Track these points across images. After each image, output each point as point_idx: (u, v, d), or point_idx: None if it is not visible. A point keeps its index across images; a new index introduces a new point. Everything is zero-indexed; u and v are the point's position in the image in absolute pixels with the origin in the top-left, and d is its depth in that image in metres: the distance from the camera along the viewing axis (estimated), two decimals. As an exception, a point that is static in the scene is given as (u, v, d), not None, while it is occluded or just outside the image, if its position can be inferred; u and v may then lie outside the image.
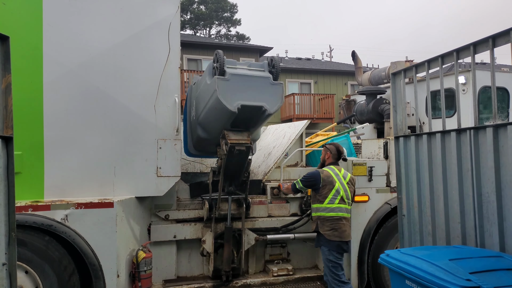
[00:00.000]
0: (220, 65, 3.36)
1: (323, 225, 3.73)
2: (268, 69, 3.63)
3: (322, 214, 3.75)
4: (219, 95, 3.27)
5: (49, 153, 3.33)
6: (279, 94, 3.52)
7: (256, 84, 3.48)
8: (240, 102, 3.32)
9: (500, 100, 5.28)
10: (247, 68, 3.57)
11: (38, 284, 3.10)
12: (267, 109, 3.42)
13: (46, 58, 3.33)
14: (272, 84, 3.52)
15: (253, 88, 3.45)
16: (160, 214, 4.06)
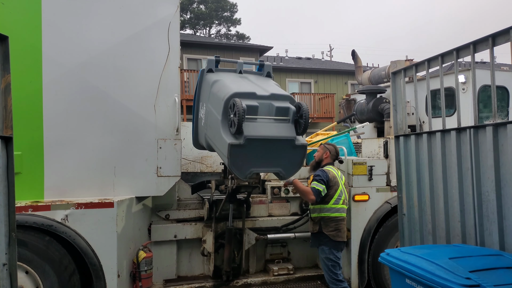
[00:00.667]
0: (238, 120, 2.77)
1: (327, 225, 3.67)
2: (295, 117, 3.09)
3: (327, 215, 3.69)
4: (230, 164, 2.91)
5: (49, 153, 3.33)
6: (299, 159, 3.12)
7: (276, 147, 3.00)
8: (253, 170, 2.98)
9: (499, 99, 5.28)
10: (268, 118, 3.00)
11: (38, 284, 3.10)
12: (282, 175, 3.12)
13: (45, 58, 3.33)
14: (294, 148, 3.04)
15: (272, 152, 3.00)
16: (161, 214, 4.06)
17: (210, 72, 3.58)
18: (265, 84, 3.43)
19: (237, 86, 3.19)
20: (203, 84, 3.61)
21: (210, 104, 3.33)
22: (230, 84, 3.21)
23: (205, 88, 3.55)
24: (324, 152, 3.94)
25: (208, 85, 3.45)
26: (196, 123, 3.81)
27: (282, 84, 20.54)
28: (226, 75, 3.54)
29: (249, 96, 3.02)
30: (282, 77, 20.69)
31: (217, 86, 3.31)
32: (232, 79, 3.41)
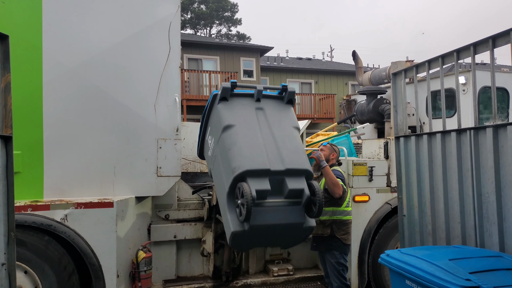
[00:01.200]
0: (247, 211, 2.57)
1: (340, 229, 3.56)
2: (307, 200, 2.84)
3: (339, 218, 3.57)
4: (230, 244, 2.85)
5: (49, 152, 3.33)
6: (303, 238, 3.01)
7: (282, 230, 2.85)
8: (253, 246, 2.99)
9: (500, 100, 5.27)
10: (279, 201, 2.78)
11: (37, 284, 3.09)
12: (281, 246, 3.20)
13: (45, 57, 3.33)
14: (304, 231, 2.92)
15: (276, 233, 2.87)
16: (160, 214, 4.06)
17: (224, 101, 3.14)
18: (282, 130, 3.05)
19: (250, 152, 2.81)
20: (213, 113, 3.25)
21: (218, 150, 3.10)
22: (243, 148, 2.83)
23: (215, 121, 3.21)
24: (331, 153, 3.79)
25: (219, 123, 3.07)
26: (202, 142, 3.71)
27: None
28: (241, 115, 3.06)
29: (262, 174, 2.74)
30: (283, 77, 20.70)
31: (228, 139, 2.95)
32: (246, 132, 2.96)
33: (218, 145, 3.12)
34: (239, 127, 2.98)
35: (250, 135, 2.96)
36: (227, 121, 3.01)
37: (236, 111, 3.08)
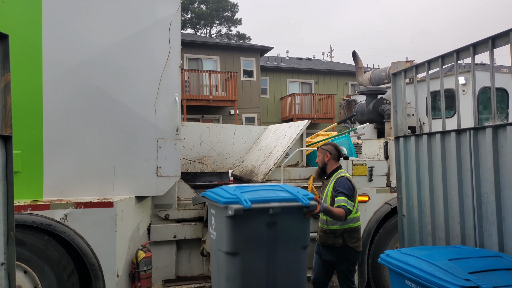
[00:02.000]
0: None
1: (351, 237, 3.38)
2: None
3: (351, 226, 3.38)
4: None
5: (49, 152, 3.33)
6: None
7: None
8: None
9: (499, 100, 5.27)
10: None
11: (37, 284, 3.09)
12: None
13: (45, 57, 3.33)
14: None
15: None
16: (160, 213, 4.06)
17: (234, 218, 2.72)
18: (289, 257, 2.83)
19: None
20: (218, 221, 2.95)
21: (217, 262, 2.96)
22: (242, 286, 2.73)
23: (219, 232, 2.91)
24: (324, 155, 3.54)
25: (223, 243, 2.81)
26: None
27: (282, 85, 20.57)
28: (248, 238, 2.75)
29: None
30: (283, 77, 20.70)
31: (229, 267, 2.77)
32: (249, 264, 2.75)
33: (218, 257, 2.95)
34: (243, 257, 2.76)
35: (253, 270, 2.78)
36: (231, 248, 2.76)
37: (244, 231, 2.76)
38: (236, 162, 5.80)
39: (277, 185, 3.17)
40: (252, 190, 2.88)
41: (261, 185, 3.13)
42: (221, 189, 3.04)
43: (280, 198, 2.81)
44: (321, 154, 3.62)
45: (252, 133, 5.96)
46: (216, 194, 2.94)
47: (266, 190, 2.93)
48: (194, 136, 5.55)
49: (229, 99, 16.23)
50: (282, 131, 5.33)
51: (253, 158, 5.40)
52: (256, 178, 4.69)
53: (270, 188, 3.01)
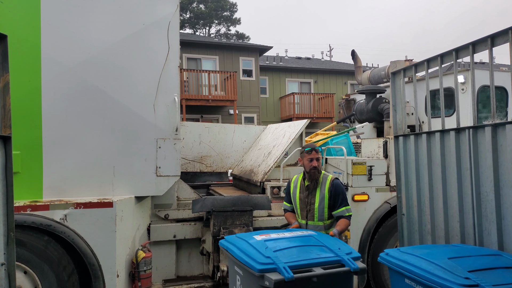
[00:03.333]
0: None
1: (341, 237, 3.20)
2: None
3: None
4: None
5: (48, 152, 3.33)
6: None
7: None
8: None
9: (498, 99, 5.28)
10: None
11: (37, 284, 3.09)
12: None
13: (44, 57, 3.33)
14: None
15: None
16: (160, 213, 4.06)
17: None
18: None
19: None
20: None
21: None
22: None
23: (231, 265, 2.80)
24: (300, 161, 3.36)
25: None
26: None
27: (282, 84, 20.57)
28: None
29: None
30: (282, 77, 20.70)
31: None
32: None
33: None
34: None
35: None
36: None
37: None
38: (236, 161, 5.80)
39: (310, 235, 2.76)
40: (287, 248, 2.51)
41: (293, 237, 2.72)
42: (248, 244, 2.59)
43: (323, 260, 2.43)
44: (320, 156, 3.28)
45: (251, 133, 5.97)
46: (244, 254, 2.49)
47: (303, 247, 2.55)
48: (194, 136, 5.55)
49: (228, 99, 16.23)
50: (281, 131, 5.33)
51: (252, 158, 5.41)
52: (256, 178, 4.69)
53: (306, 243, 2.62)
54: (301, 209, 3.27)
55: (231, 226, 3.95)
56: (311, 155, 3.19)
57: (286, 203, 3.47)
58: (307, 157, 3.19)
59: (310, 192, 3.24)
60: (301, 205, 3.27)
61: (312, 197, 3.23)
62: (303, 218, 3.25)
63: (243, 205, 4.08)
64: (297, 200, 3.29)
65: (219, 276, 3.91)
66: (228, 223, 3.96)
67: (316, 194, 3.21)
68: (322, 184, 3.22)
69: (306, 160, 3.20)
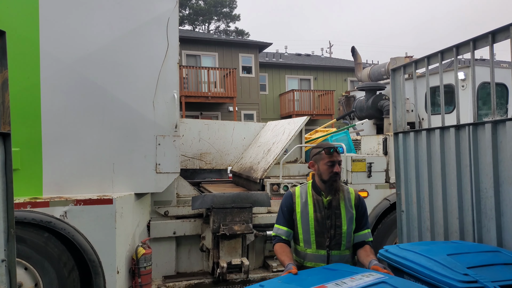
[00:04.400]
0: None
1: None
2: None
3: None
4: None
5: (47, 149, 3.33)
6: None
7: None
8: None
9: (499, 96, 5.28)
10: None
11: (37, 280, 3.10)
12: None
13: (43, 53, 3.32)
14: None
15: None
16: (160, 210, 4.06)
17: None
18: None
19: None
20: None
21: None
22: None
23: None
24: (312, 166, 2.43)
25: None
26: None
27: (281, 81, 20.52)
28: None
29: None
30: (282, 73, 20.65)
31: None
32: None
33: None
34: None
35: None
36: None
37: None
38: (235, 158, 5.80)
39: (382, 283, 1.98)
40: None
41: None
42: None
43: None
44: (310, 165, 2.46)
45: (251, 130, 5.96)
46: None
47: None
48: (193, 133, 5.55)
49: (227, 96, 16.20)
50: (281, 128, 5.33)
51: (252, 155, 5.41)
52: (255, 175, 4.69)
53: None
54: (318, 235, 2.30)
55: (231, 222, 3.96)
56: (332, 157, 2.30)
57: (281, 227, 2.37)
58: (325, 160, 2.30)
59: (333, 211, 2.32)
60: (318, 230, 2.30)
61: (336, 217, 2.31)
62: (321, 248, 2.30)
63: (243, 202, 4.08)
64: (312, 223, 2.31)
65: (218, 272, 3.92)
66: (227, 219, 3.97)
67: (342, 214, 2.33)
68: (346, 198, 2.36)
69: (323, 165, 2.30)
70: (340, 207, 2.33)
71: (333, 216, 2.32)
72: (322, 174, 2.33)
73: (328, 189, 2.32)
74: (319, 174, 2.35)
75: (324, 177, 2.32)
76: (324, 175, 2.32)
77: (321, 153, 2.33)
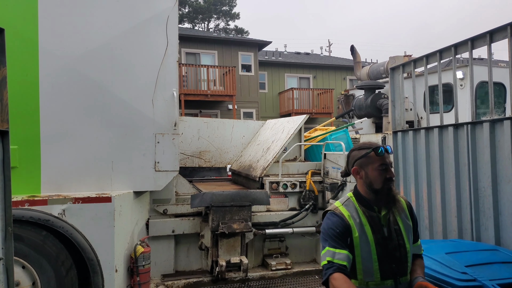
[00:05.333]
0: None
1: None
2: None
3: None
4: None
5: (46, 147, 3.32)
6: None
7: None
8: None
9: (497, 95, 5.28)
10: None
11: (35, 279, 3.10)
12: None
13: (42, 51, 3.31)
14: None
15: None
16: (159, 208, 4.06)
17: None
18: None
19: None
20: None
21: None
22: None
23: None
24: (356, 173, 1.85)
25: None
26: None
27: (281, 79, 20.52)
28: None
29: None
30: (281, 72, 20.63)
31: None
32: None
33: None
34: None
35: None
36: None
37: None
38: (234, 157, 5.80)
39: None
40: None
41: None
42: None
43: None
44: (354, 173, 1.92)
45: (250, 128, 5.96)
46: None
47: None
48: (192, 131, 5.54)
49: (227, 94, 16.18)
50: (280, 126, 5.33)
51: (251, 153, 5.40)
52: (255, 173, 4.69)
53: None
54: (382, 262, 1.76)
55: (230, 221, 3.97)
56: (384, 158, 1.80)
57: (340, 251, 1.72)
58: (376, 164, 1.79)
59: (392, 228, 1.81)
60: (381, 255, 1.76)
61: (398, 235, 1.81)
62: (387, 277, 1.77)
63: (242, 200, 4.08)
64: (373, 248, 1.76)
65: (217, 271, 3.92)
66: (226, 218, 3.97)
67: (402, 229, 1.83)
68: (399, 208, 1.86)
69: (374, 170, 1.79)
70: (397, 221, 1.82)
71: (393, 234, 1.80)
72: (373, 182, 1.79)
73: (383, 201, 1.79)
74: (367, 182, 1.81)
75: (376, 185, 1.79)
76: (376, 183, 1.79)
77: (369, 155, 1.80)
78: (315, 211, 4.51)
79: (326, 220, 1.82)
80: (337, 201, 1.89)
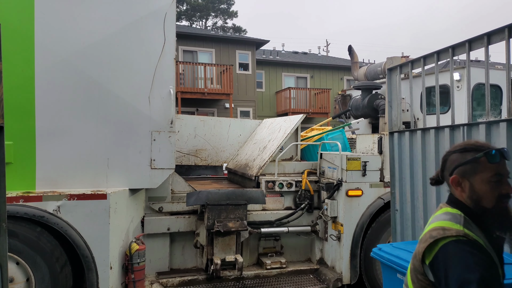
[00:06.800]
0: None
1: None
2: None
3: None
4: None
5: (41, 143, 3.29)
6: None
7: None
8: None
9: (493, 97, 5.32)
10: None
11: (29, 275, 3.08)
12: None
13: (38, 47, 3.28)
14: None
15: None
16: (154, 206, 4.05)
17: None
18: None
19: None
20: None
21: None
22: None
23: None
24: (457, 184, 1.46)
25: None
26: None
27: (278, 79, 20.52)
28: None
29: None
30: (278, 71, 20.63)
31: None
32: None
33: None
34: None
35: None
36: None
37: None
38: (231, 155, 5.79)
39: None
40: None
41: None
42: None
43: None
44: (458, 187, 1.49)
45: (247, 127, 5.95)
46: None
47: None
48: (189, 129, 5.53)
49: (224, 92, 16.15)
50: (277, 125, 5.33)
51: (247, 152, 5.40)
52: (251, 172, 4.69)
53: None
54: None
55: (225, 219, 3.96)
56: (500, 166, 1.36)
57: None
58: (489, 173, 1.36)
59: (501, 256, 1.44)
60: None
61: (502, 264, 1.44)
62: None
63: (238, 199, 4.08)
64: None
65: (212, 269, 3.92)
66: (222, 216, 3.97)
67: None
68: None
69: (483, 182, 1.36)
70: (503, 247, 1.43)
71: (503, 264, 1.41)
72: (482, 198, 1.35)
73: (497, 225, 1.35)
74: (474, 198, 1.36)
75: (486, 203, 1.34)
76: (485, 200, 1.34)
77: (479, 160, 1.36)
78: (311, 210, 4.52)
79: (473, 255, 1.21)
80: (450, 222, 1.33)
